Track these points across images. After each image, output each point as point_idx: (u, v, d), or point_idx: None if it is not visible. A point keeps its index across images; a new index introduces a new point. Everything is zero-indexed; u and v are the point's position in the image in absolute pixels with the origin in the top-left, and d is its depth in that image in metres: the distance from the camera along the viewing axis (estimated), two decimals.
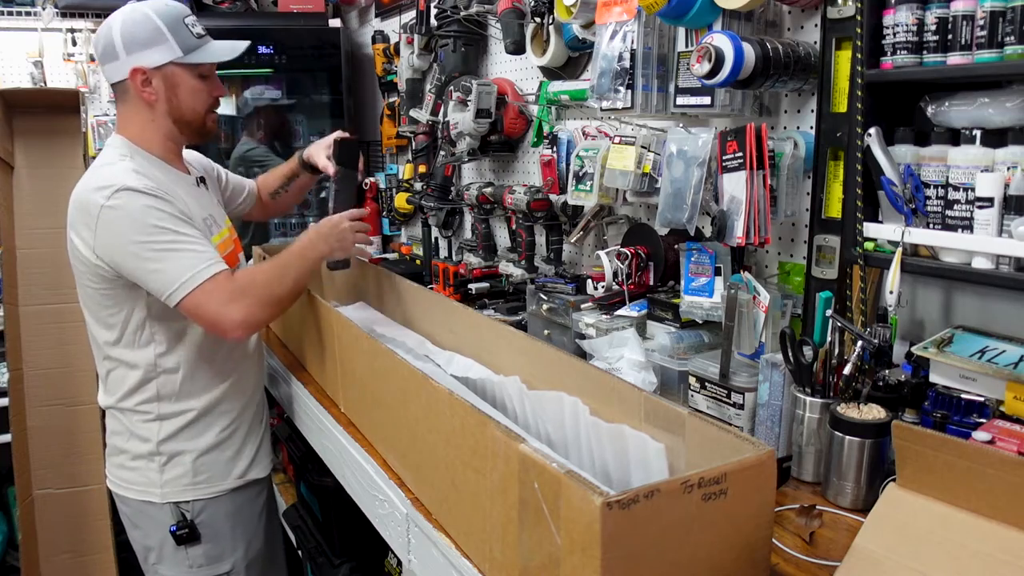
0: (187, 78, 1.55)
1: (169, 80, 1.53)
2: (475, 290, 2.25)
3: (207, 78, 1.58)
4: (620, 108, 1.58)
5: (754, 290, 1.41)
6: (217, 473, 1.65)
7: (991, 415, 1.10)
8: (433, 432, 1.13)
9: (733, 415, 1.35)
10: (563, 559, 0.82)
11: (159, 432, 1.60)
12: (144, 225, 1.42)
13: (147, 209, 1.42)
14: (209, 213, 1.63)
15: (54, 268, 2.66)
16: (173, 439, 1.61)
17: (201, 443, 1.63)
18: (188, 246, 1.44)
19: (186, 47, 1.52)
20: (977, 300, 1.30)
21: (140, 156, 1.54)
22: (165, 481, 1.61)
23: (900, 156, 1.25)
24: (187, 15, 1.56)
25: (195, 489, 1.63)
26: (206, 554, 1.65)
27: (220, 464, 1.66)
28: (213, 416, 1.64)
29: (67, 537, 2.68)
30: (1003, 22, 1.10)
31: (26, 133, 2.74)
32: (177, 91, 1.55)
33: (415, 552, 1.22)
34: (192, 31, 1.54)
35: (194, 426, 1.62)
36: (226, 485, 1.67)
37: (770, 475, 0.88)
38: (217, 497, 1.65)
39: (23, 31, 3.63)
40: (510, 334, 1.49)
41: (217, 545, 1.66)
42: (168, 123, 1.57)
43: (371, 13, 3.53)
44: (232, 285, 1.45)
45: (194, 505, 1.63)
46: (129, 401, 1.59)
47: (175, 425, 1.60)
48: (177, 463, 1.61)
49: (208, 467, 1.64)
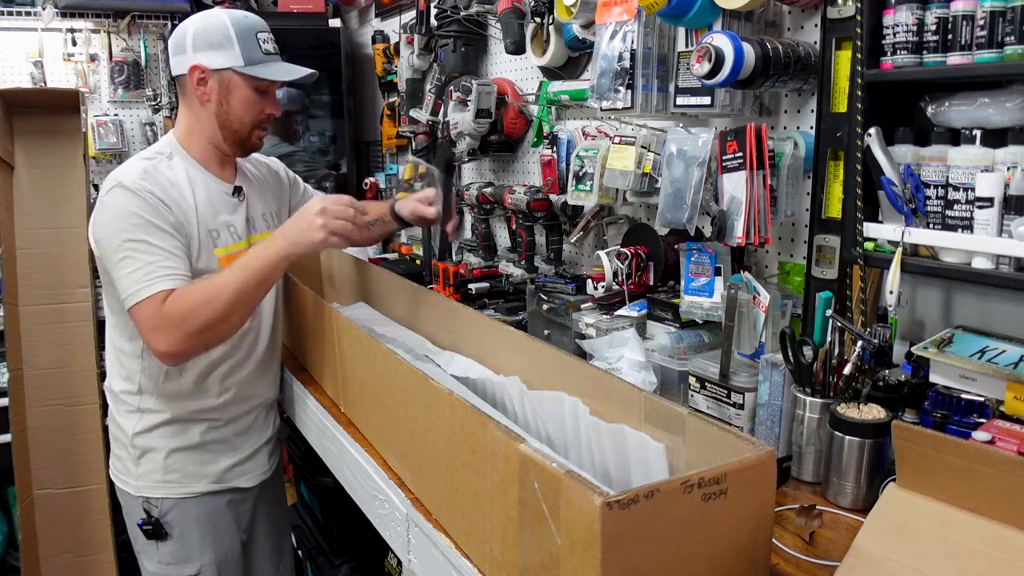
0: (242, 88, 1.56)
1: (225, 85, 1.56)
2: (475, 290, 2.25)
3: (264, 94, 1.59)
4: (620, 108, 1.58)
5: (754, 290, 1.41)
6: (189, 474, 1.65)
7: (991, 415, 1.10)
8: (433, 432, 1.13)
9: (733, 415, 1.35)
10: (563, 559, 0.82)
11: (136, 425, 1.62)
12: (122, 225, 1.44)
13: (129, 211, 1.44)
14: (231, 224, 1.62)
15: (54, 268, 2.66)
16: (147, 434, 1.62)
17: (175, 443, 1.63)
18: (146, 256, 1.43)
19: (249, 59, 1.54)
20: (977, 300, 1.30)
21: (179, 156, 1.59)
22: (139, 474, 1.64)
23: (900, 156, 1.25)
24: (261, 30, 1.58)
25: (165, 487, 1.63)
26: (173, 553, 1.66)
27: (193, 466, 1.65)
28: (192, 423, 1.64)
29: (67, 537, 2.68)
30: (1003, 22, 1.10)
31: (26, 133, 2.74)
32: (230, 97, 1.57)
33: (415, 552, 1.22)
34: (261, 46, 1.56)
35: (171, 426, 1.62)
36: (198, 488, 1.65)
37: (770, 475, 0.88)
38: (187, 498, 1.65)
39: (23, 31, 3.64)
40: (510, 334, 1.49)
41: (184, 546, 1.66)
42: (214, 127, 1.59)
43: (371, 13, 3.53)
44: (159, 311, 1.40)
45: (163, 503, 1.64)
46: (117, 386, 1.64)
47: (152, 421, 1.62)
48: (149, 459, 1.63)
49: (179, 467, 1.64)
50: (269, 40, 1.59)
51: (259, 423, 1.76)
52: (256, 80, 1.57)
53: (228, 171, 1.67)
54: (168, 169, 1.55)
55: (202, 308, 1.40)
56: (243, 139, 1.61)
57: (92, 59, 3.77)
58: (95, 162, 3.71)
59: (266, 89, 1.59)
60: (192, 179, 1.57)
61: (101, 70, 3.82)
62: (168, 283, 1.42)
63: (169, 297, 1.41)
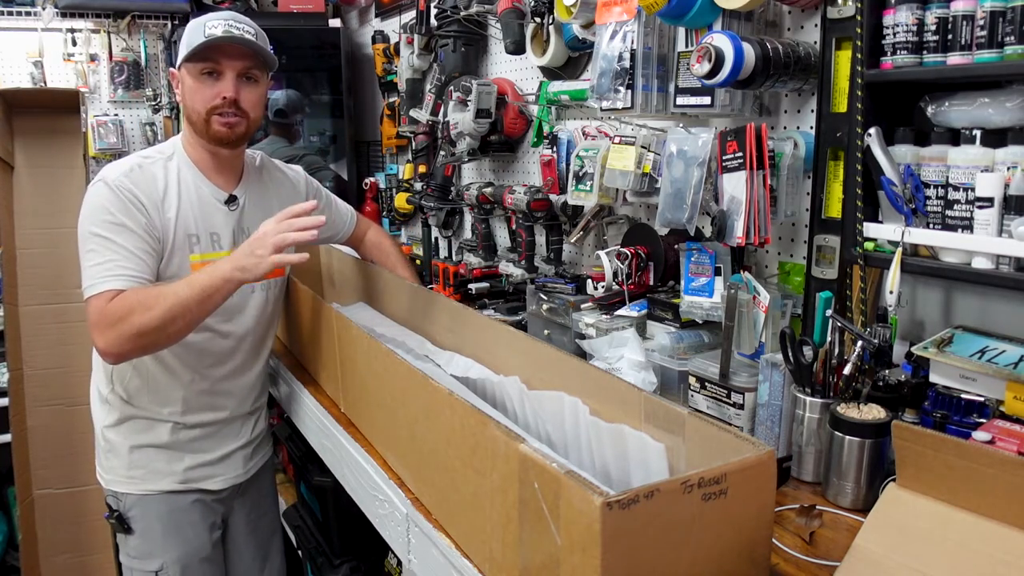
0: (189, 76, 1.55)
1: (181, 81, 1.57)
2: (475, 290, 2.25)
3: (214, 77, 1.53)
4: (620, 108, 1.58)
5: (754, 290, 1.41)
6: (153, 471, 1.65)
7: (991, 415, 1.10)
8: (433, 432, 1.13)
9: (733, 415, 1.35)
10: (563, 559, 0.82)
11: (105, 418, 1.66)
12: (95, 219, 1.47)
13: (103, 206, 1.47)
14: (215, 232, 1.61)
15: (54, 268, 2.66)
16: (114, 428, 1.65)
17: (140, 439, 1.64)
18: (108, 253, 1.44)
19: (191, 47, 1.51)
20: (977, 300, 1.30)
21: (179, 157, 1.60)
22: (107, 467, 1.67)
23: (900, 156, 1.25)
24: (213, 19, 1.52)
25: (129, 483, 1.65)
26: (137, 548, 1.68)
27: (157, 463, 1.65)
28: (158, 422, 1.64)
29: (67, 537, 2.68)
30: (1003, 22, 1.10)
31: (26, 133, 2.75)
32: (184, 91, 1.57)
33: (415, 552, 1.22)
34: (205, 32, 1.50)
35: (137, 422, 1.64)
36: (160, 486, 1.66)
37: (770, 475, 0.88)
38: (149, 495, 1.66)
39: (23, 31, 3.64)
40: (510, 334, 1.49)
41: (147, 542, 1.67)
42: (187, 124, 1.60)
43: (371, 13, 3.53)
44: (103, 308, 1.40)
45: (127, 498, 1.66)
46: (94, 379, 1.68)
47: (118, 415, 1.64)
48: (115, 453, 1.65)
49: (143, 463, 1.65)
50: (219, 25, 1.50)
51: (232, 429, 1.74)
52: (199, 65, 1.52)
53: (228, 178, 1.65)
54: (160, 170, 1.55)
55: (140, 313, 1.38)
56: (203, 129, 1.55)
57: (92, 59, 3.77)
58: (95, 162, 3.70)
59: (212, 71, 1.52)
60: (183, 182, 1.57)
61: (101, 70, 3.82)
62: (119, 283, 1.42)
63: (116, 297, 1.41)
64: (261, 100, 1.60)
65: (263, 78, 1.59)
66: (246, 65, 1.54)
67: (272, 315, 1.77)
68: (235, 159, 1.66)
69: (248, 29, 1.54)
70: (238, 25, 1.53)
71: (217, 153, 1.61)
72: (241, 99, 1.55)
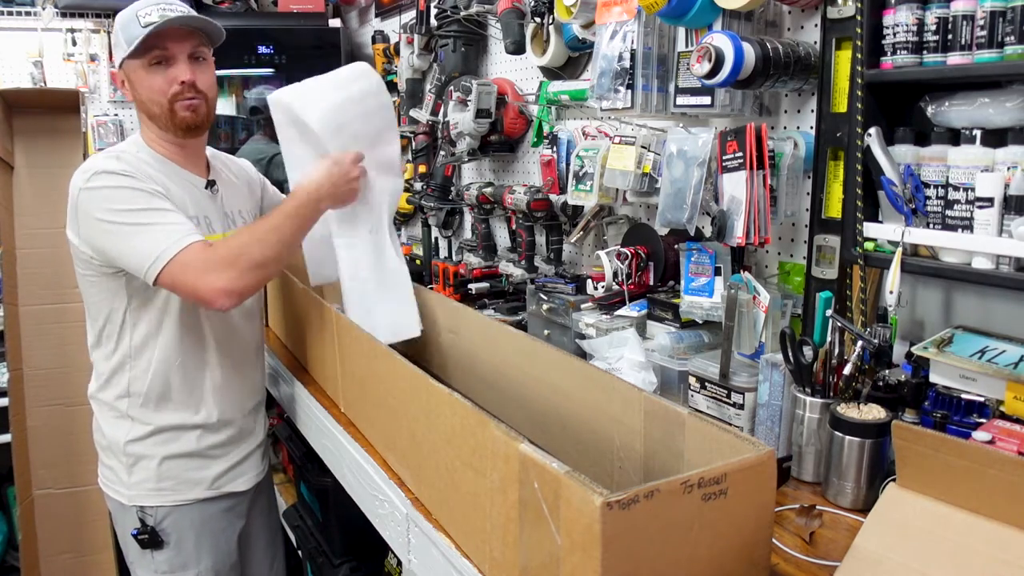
0: (137, 71, 1.50)
1: (128, 78, 1.52)
2: (475, 290, 2.25)
3: (164, 64, 1.48)
4: (620, 108, 1.58)
5: (754, 290, 1.41)
6: (184, 481, 1.61)
7: (991, 415, 1.10)
8: (433, 432, 1.13)
9: (733, 415, 1.35)
10: (563, 559, 0.82)
11: (128, 432, 1.58)
12: (117, 203, 1.41)
13: (120, 188, 1.41)
14: (206, 216, 1.60)
15: (54, 268, 2.66)
16: (140, 442, 1.57)
17: (168, 450, 1.58)
18: (161, 219, 1.40)
19: (130, 40, 1.44)
20: (977, 300, 1.30)
21: (145, 152, 1.54)
22: (132, 483, 1.59)
23: (900, 156, 1.25)
24: (142, 8, 1.45)
25: (159, 495, 1.59)
26: (169, 561, 1.62)
27: (187, 472, 1.61)
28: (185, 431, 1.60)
29: (67, 537, 2.68)
30: (1003, 22, 1.10)
31: (26, 133, 2.74)
32: (135, 87, 1.52)
33: (415, 552, 1.22)
34: (140, 21, 1.43)
35: (164, 433, 1.58)
36: (193, 495, 1.62)
37: (770, 475, 0.88)
38: (182, 506, 1.61)
39: (23, 31, 3.63)
40: (510, 334, 1.49)
41: (181, 554, 1.62)
42: (146, 120, 1.55)
43: (371, 13, 3.53)
44: (209, 254, 1.38)
45: (157, 511, 1.59)
46: (103, 393, 1.59)
47: (144, 429, 1.57)
48: (143, 467, 1.58)
49: (174, 474, 1.59)
50: (154, 11, 1.44)
51: (249, 426, 1.73)
52: (143, 57, 1.46)
53: (198, 166, 1.63)
54: (140, 161, 1.51)
55: (259, 245, 1.43)
56: (168, 120, 1.51)
57: (92, 59, 3.76)
58: None
59: (160, 59, 1.48)
60: (165, 172, 1.53)
61: (101, 70, 3.81)
62: (197, 235, 1.41)
63: (214, 243, 1.40)
64: (214, 78, 1.58)
65: (210, 55, 1.57)
66: (193, 44, 1.51)
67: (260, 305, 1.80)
68: (200, 147, 1.64)
69: (181, 8, 1.50)
70: (170, 6, 1.48)
71: (185, 145, 1.58)
72: (197, 80, 1.51)
